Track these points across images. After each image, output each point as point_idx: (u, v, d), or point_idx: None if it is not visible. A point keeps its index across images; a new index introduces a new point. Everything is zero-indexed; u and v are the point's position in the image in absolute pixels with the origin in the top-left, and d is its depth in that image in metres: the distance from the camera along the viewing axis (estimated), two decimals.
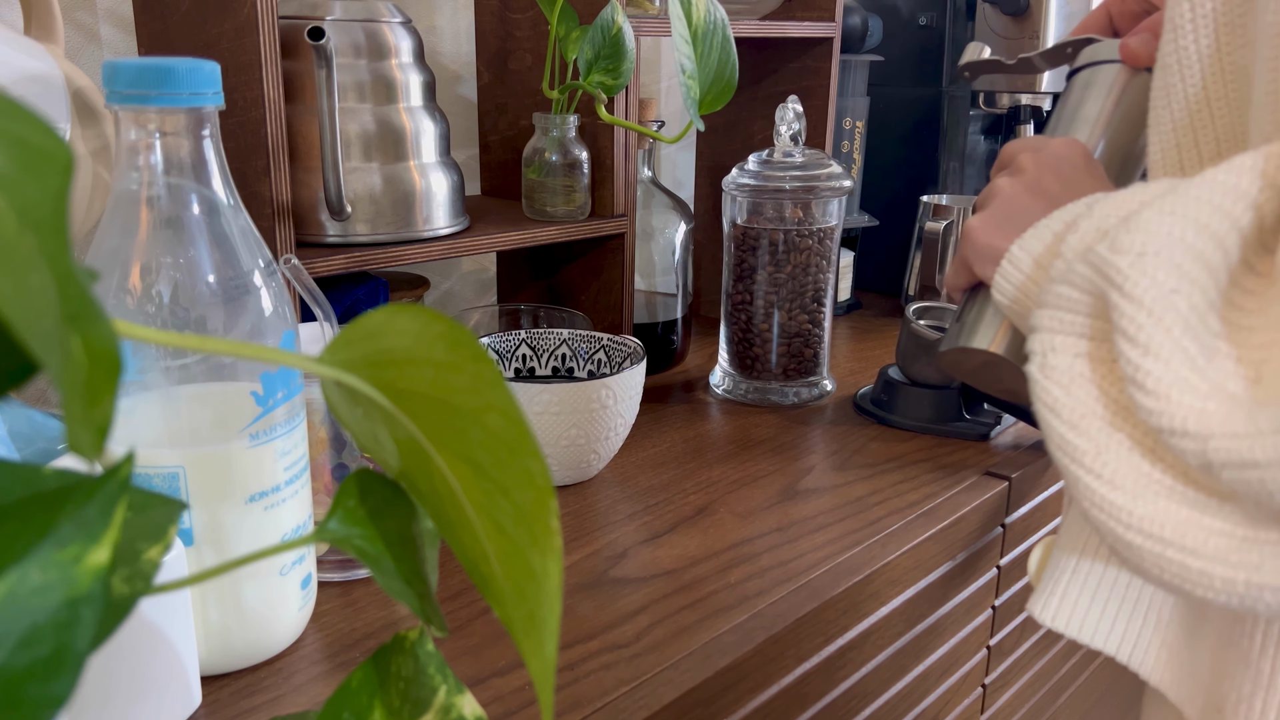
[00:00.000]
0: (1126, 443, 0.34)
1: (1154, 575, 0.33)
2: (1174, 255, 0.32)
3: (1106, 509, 0.34)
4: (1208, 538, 0.32)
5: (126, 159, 0.45)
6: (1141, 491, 0.33)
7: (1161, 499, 0.33)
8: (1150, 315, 0.32)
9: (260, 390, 0.48)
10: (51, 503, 0.18)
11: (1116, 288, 0.33)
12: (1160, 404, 0.32)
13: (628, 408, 0.72)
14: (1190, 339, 0.32)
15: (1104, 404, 0.35)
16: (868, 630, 0.66)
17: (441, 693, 0.27)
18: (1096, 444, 0.34)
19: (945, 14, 1.25)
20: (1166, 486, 0.33)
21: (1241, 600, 0.32)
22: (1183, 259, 0.32)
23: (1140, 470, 0.34)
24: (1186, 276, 0.32)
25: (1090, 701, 1.04)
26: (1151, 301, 0.32)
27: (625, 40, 0.78)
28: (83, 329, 0.17)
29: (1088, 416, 0.35)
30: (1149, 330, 0.32)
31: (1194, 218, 0.33)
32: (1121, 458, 0.34)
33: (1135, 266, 0.33)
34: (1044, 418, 0.36)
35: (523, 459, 0.21)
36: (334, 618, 0.57)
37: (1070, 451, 0.35)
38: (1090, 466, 0.34)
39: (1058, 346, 0.36)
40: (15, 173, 0.17)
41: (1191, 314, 0.32)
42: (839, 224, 0.92)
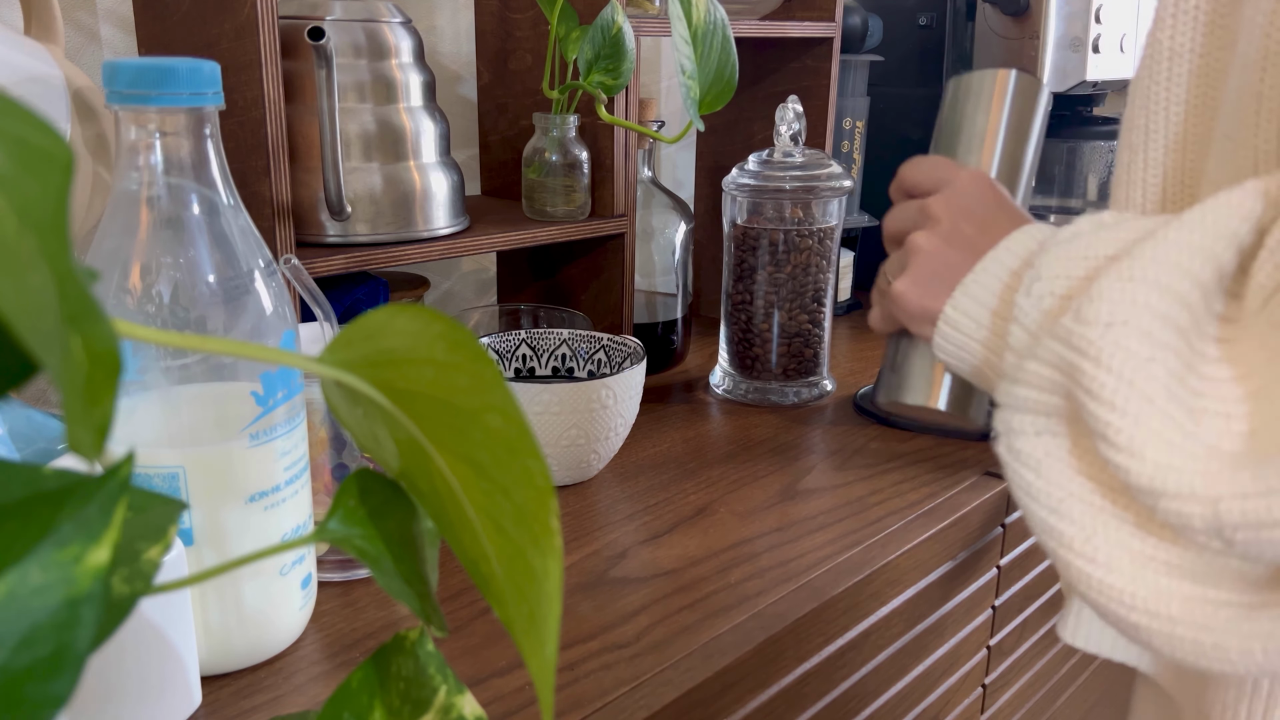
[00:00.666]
0: (1113, 522, 0.33)
1: (1168, 653, 0.32)
2: (1142, 323, 0.32)
3: (1105, 593, 0.33)
4: (1216, 610, 0.31)
5: (126, 159, 0.45)
6: (1138, 572, 0.32)
7: (1161, 577, 0.32)
8: (1126, 382, 0.31)
9: (260, 390, 0.48)
10: (51, 503, 0.18)
11: (1091, 359, 0.32)
12: (1136, 464, 0.31)
13: (628, 408, 0.72)
14: (1174, 404, 0.31)
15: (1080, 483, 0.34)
16: (868, 630, 0.66)
17: (441, 693, 0.27)
18: (1083, 527, 0.34)
19: (945, 14, 1.25)
20: (1162, 562, 0.32)
21: (1261, 668, 0.31)
22: (1151, 325, 0.32)
23: (1132, 549, 0.33)
24: (1159, 343, 0.31)
25: (1090, 701, 1.04)
26: (1131, 372, 0.31)
27: (625, 40, 0.78)
28: (83, 329, 0.17)
29: (1067, 499, 0.34)
30: (1125, 395, 0.31)
31: (1156, 281, 0.32)
32: (1110, 539, 0.33)
33: (1105, 337, 0.32)
34: (1023, 503, 0.36)
35: (523, 459, 0.21)
36: (334, 618, 0.57)
37: (1057, 537, 0.34)
38: (1081, 551, 0.34)
39: (1017, 426, 0.35)
40: (15, 173, 0.17)
41: (1170, 379, 0.31)
42: (839, 224, 0.92)
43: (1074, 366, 0.33)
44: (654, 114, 0.96)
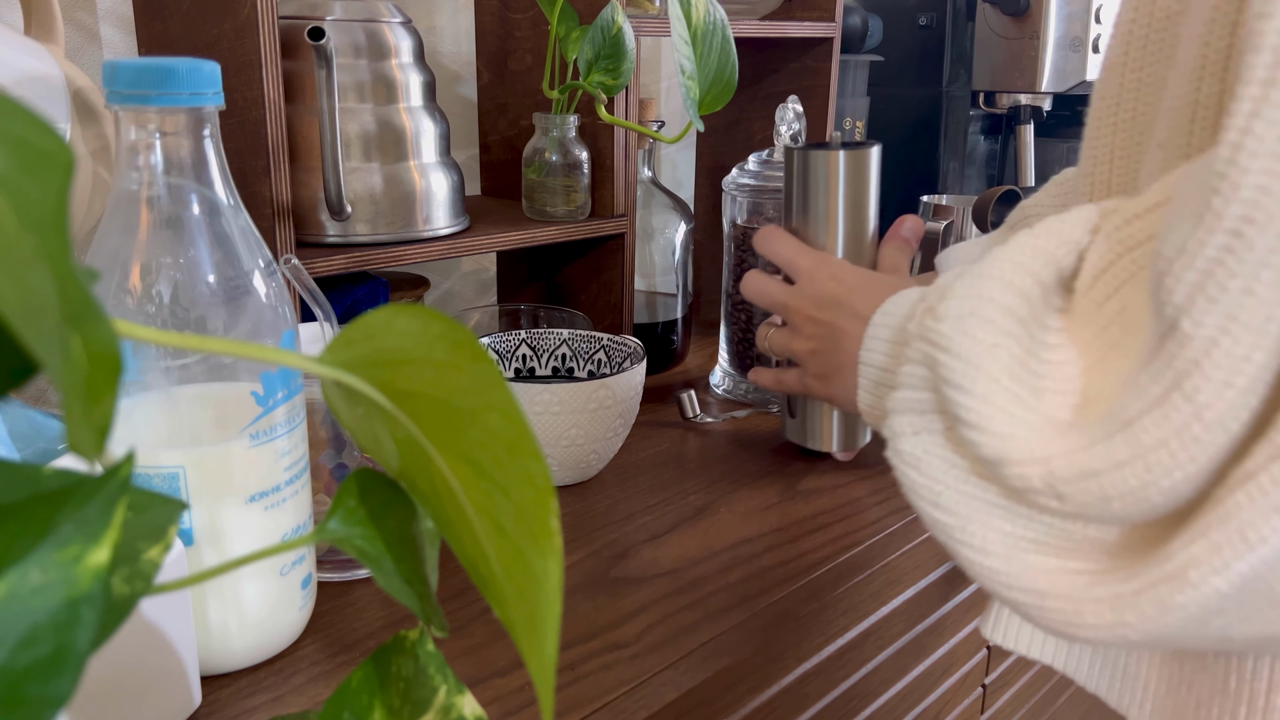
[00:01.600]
0: (984, 508, 0.36)
1: (1045, 626, 0.35)
2: (988, 313, 0.35)
3: (988, 576, 0.36)
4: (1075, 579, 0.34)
5: (126, 159, 0.45)
6: (1010, 552, 0.35)
7: (1029, 554, 0.35)
8: (976, 368, 0.35)
9: (260, 390, 0.48)
10: (51, 503, 0.18)
11: (944, 350, 0.36)
12: (985, 437, 0.34)
13: (628, 408, 0.72)
14: (1017, 384, 0.34)
15: (954, 474, 0.37)
16: (868, 630, 0.66)
17: (441, 693, 0.27)
18: (959, 516, 0.37)
19: (945, 14, 1.25)
20: (1029, 540, 0.35)
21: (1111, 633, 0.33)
22: (995, 315, 0.35)
23: (1003, 531, 0.36)
24: (1002, 331, 0.35)
25: (1090, 701, 1.04)
26: (977, 357, 0.35)
27: (625, 40, 0.78)
28: (83, 329, 0.17)
29: (943, 492, 0.37)
30: (972, 376, 0.35)
31: (1000, 278, 0.36)
32: (984, 524, 0.36)
33: (955, 328, 0.36)
34: (911, 501, 0.39)
35: (523, 459, 0.21)
36: (334, 618, 0.57)
37: (941, 529, 0.37)
38: (961, 539, 0.37)
39: (898, 428, 0.39)
40: (15, 173, 0.17)
41: (1013, 362, 0.34)
42: None
43: (933, 359, 0.36)
44: (654, 114, 0.96)
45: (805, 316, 0.60)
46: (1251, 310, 0.28)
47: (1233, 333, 0.28)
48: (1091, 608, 0.33)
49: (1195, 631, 0.32)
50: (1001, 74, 1.23)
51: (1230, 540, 0.29)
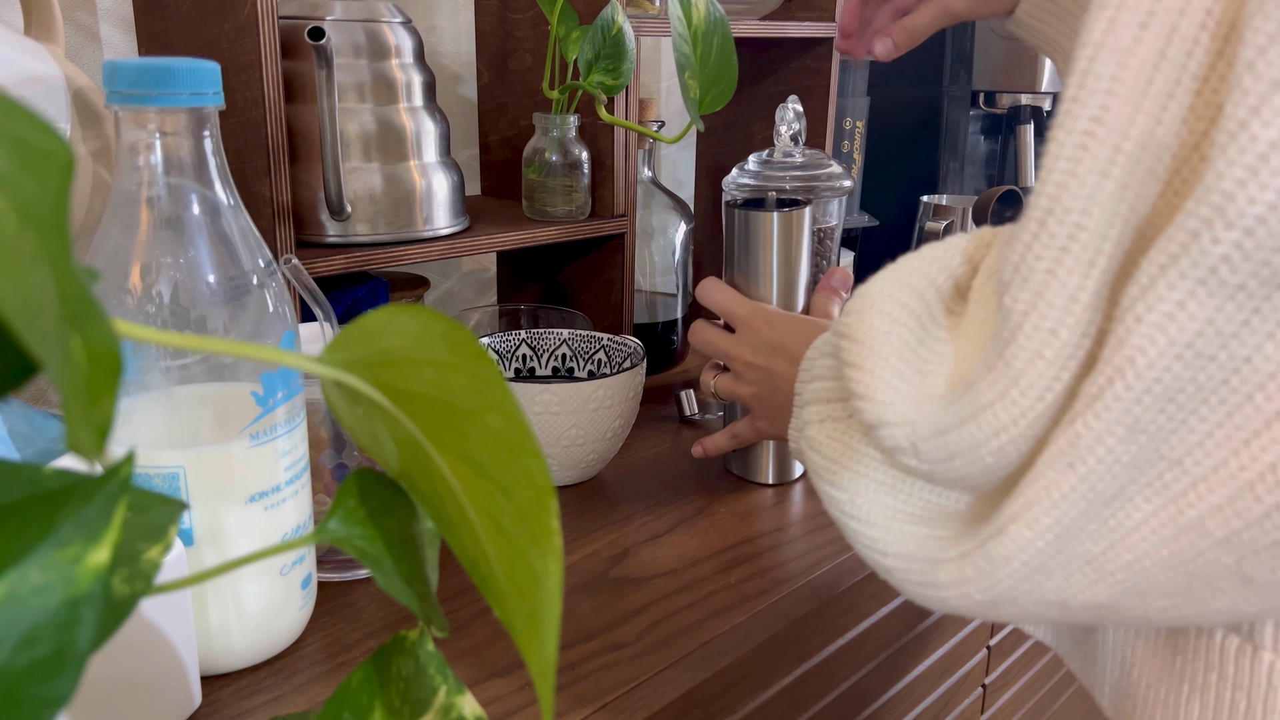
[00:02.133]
0: (871, 485, 0.41)
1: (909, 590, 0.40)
2: (884, 306, 0.40)
3: (869, 544, 0.41)
4: (935, 543, 0.38)
5: (126, 159, 0.45)
6: (887, 522, 0.40)
7: (905, 524, 0.40)
8: (867, 348, 0.39)
9: (260, 390, 0.48)
10: (51, 503, 0.18)
11: (844, 336, 0.40)
12: (869, 404, 0.38)
13: (628, 408, 0.72)
14: (904, 363, 0.38)
15: (848, 454, 0.42)
16: (868, 630, 0.66)
17: (441, 693, 0.27)
18: (850, 492, 0.41)
19: None
20: (906, 513, 0.40)
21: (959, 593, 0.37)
22: (891, 308, 0.40)
23: (884, 504, 0.40)
24: (895, 320, 0.39)
25: (1090, 701, 1.04)
26: (870, 339, 0.39)
27: (625, 40, 0.78)
28: (83, 329, 0.17)
29: (839, 471, 0.42)
30: (864, 354, 0.39)
31: (897, 278, 0.40)
32: (869, 498, 0.41)
33: (856, 319, 0.40)
34: (815, 484, 0.43)
35: (523, 459, 0.21)
36: (334, 618, 0.57)
37: (834, 504, 0.42)
38: (849, 513, 0.41)
39: (808, 417, 0.44)
40: (15, 173, 0.17)
41: (904, 347, 0.39)
42: (839, 224, 0.92)
43: (837, 346, 0.41)
44: (654, 114, 0.95)
45: (745, 363, 0.65)
46: (1055, 290, 0.32)
47: (1039, 309, 0.32)
48: (944, 568, 0.37)
49: (1032, 594, 0.35)
50: (1001, 74, 1.23)
51: (1038, 496, 0.33)
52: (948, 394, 0.37)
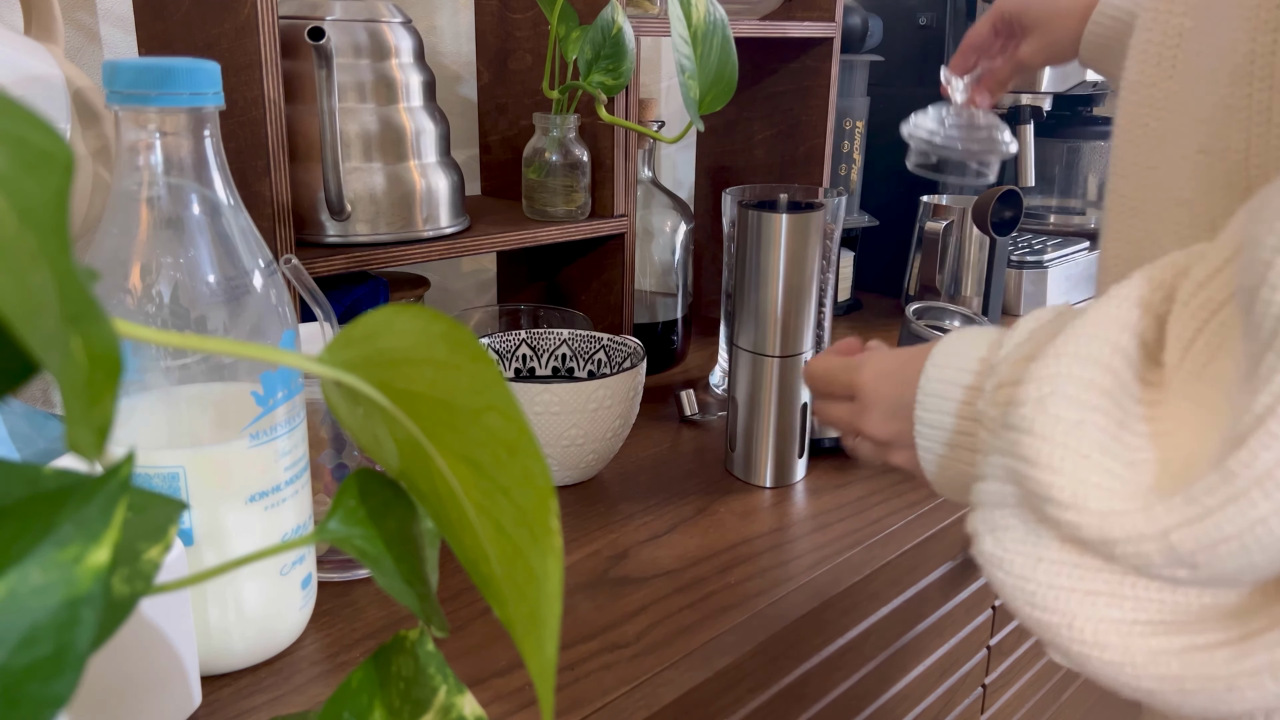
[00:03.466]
0: (1086, 599, 0.34)
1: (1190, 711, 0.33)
2: (1068, 391, 0.33)
3: (1111, 670, 0.34)
4: (1212, 655, 0.32)
5: (126, 159, 0.45)
6: (1127, 641, 0.33)
7: (1149, 639, 0.33)
8: (1062, 446, 0.33)
9: (260, 390, 0.48)
10: (51, 503, 0.18)
11: (1026, 432, 0.34)
12: (1081, 515, 0.32)
13: (628, 408, 0.72)
14: (1109, 458, 0.32)
15: (1043, 570, 0.35)
16: (868, 630, 0.66)
17: (441, 693, 0.27)
18: (1063, 614, 0.34)
19: (945, 14, 1.25)
20: (1144, 624, 0.33)
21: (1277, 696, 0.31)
22: (1077, 392, 0.33)
23: (1111, 619, 0.34)
24: (1087, 406, 0.33)
25: (1090, 701, 1.04)
26: (1063, 435, 0.33)
27: (625, 40, 0.78)
28: (83, 329, 0.17)
29: (1038, 591, 0.35)
30: (1059, 455, 0.33)
31: (1077, 353, 0.34)
32: (1091, 616, 0.34)
33: (1036, 410, 0.34)
34: (1008, 604, 0.36)
35: (523, 459, 0.21)
36: (334, 618, 0.57)
37: (1044, 630, 0.35)
38: (1070, 638, 0.34)
39: (981, 528, 0.37)
40: (15, 173, 0.17)
41: (1103, 436, 0.33)
42: (839, 224, 0.92)
43: (1015, 444, 0.34)
44: (654, 114, 0.96)
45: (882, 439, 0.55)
46: None
47: None
48: (1246, 681, 0.31)
49: None
50: None
51: None
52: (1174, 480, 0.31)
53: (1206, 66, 0.41)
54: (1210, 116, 0.40)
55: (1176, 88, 0.43)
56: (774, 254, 0.71)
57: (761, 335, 0.73)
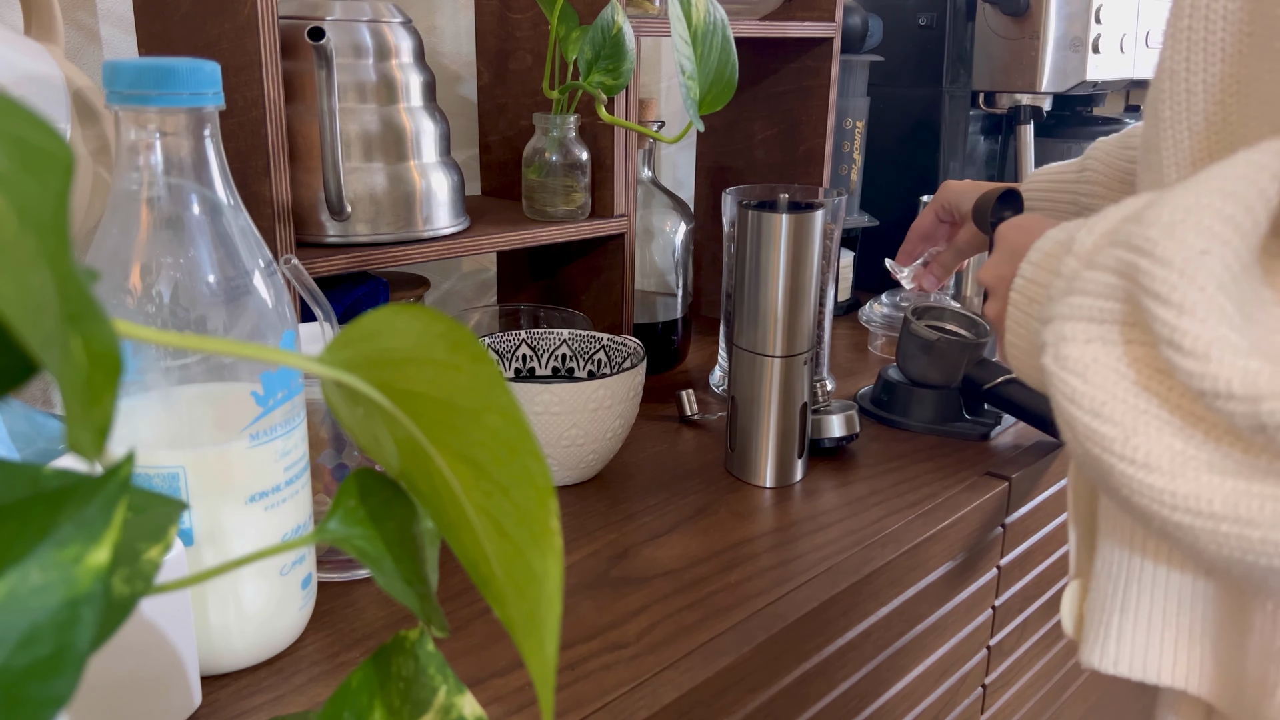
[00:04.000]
0: (1154, 423, 0.33)
1: (1213, 552, 0.33)
2: (1202, 220, 0.32)
3: (1147, 493, 0.33)
4: (1262, 504, 0.31)
5: (126, 159, 0.45)
6: (1180, 470, 0.33)
7: (1203, 474, 0.32)
8: (1183, 275, 0.31)
9: (260, 390, 0.48)
10: (51, 503, 0.18)
11: (1147, 255, 0.32)
12: (1202, 365, 0.31)
13: (628, 408, 0.72)
14: (1225, 297, 0.31)
15: (1125, 386, 0.34)
16: (868, 630, 0.66)
17: (441, 693, 0.27)
18: (1124, 428, 0.34)
19: (945, 14, 1.25)
20: (1204, 461, 0.33)
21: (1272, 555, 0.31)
22: (1211, 222, 0.32)
23: (1174, 448, 0.33)
24: (1217, 238, 0.32)
25: (1090, 701, 1.04)
26: (1183, 262, 0.31)
27: (625, 40, 0.78)
28: (83, 329, 0.17)
29: (1109, 401, 0.34)
30: (1183, 289, 0.31)
31: (1219, 188, 0.32)
32: (1152, 439, 0.33)
33: (1164, 233, 0.32)
34: (1064, 410, 0.36)
35: (523, 459, 0.21)
36: (334, 618, 0.57)
37: (1098, 440, 0.34)
38: (1122, 454, 0.34)
39: (1068, 334, 0.36)
40: (15, 173, 0.17)
41: (1225, 273, 0.31)
42: (839, 224, 0.92)
43: (1134, 266, 0.33)
44: (654, 114, 0.96)
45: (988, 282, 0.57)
46: None
47: None
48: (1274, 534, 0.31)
49: None
50: (1001, 74, 1.23)
51: None
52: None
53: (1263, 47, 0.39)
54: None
55: (1230, 70, 0.41)
56: (774, 254, 0.71)
57: (761, 335, 0.73)
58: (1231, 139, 0.41)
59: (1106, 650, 0.47)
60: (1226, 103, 0.41)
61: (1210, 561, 0.34)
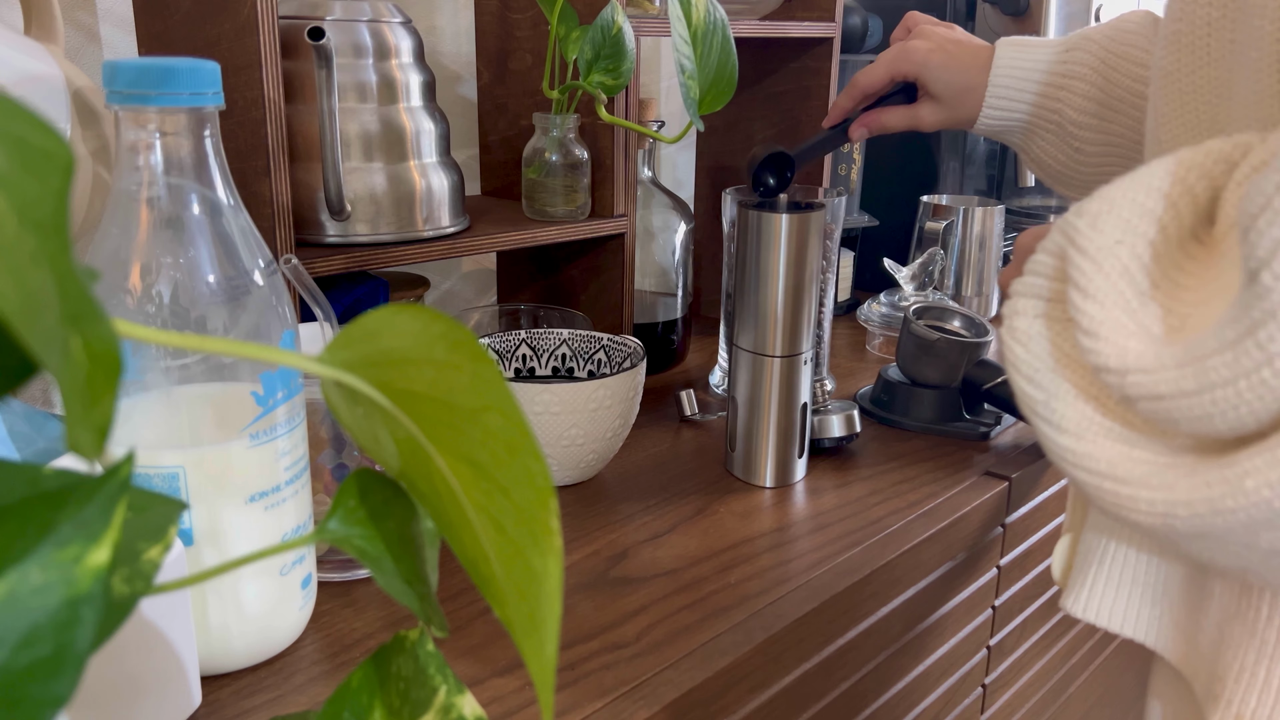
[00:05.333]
0: (1072, 391, 0.38)
1: (1099, 505, 0.37)
2: (1124, 212, 0.36)
3: (1059, 452, 0.38)
4: (1133, 467, 0.36)
5: (126, 159, 0.45)
6: (1083, 432, 0.38)
7: (1101, 438, 0.37)
8: (1094, 263, 0.36)
9: (260, 390, 0.48)
10: (51, 503, 0.18)
11: (1072, 243, 0.37)
12: (1095, 343, 0.35)
13: (628, 408, 0.72)
14: (1126, 283, 0.35)
15: (1054, 356, 0.39)
16: (868, 630, 0.66)
17: (441, 693, 0.27)
18: (1047, 393, 0.39)
19: (945, 14, 1.24)
20: (1104, 427, 0.37)
21: (1163, 520, 0.35)
22: (1130, 215, 0.36)
23: (1084, 414, 0.38)
24: (1133, 230, 0.36)
25: (1090, 701, 1.04)
26: (1096, 251, 0.36)
27: (625, 40, 0.78)
28: (83, 329, 0.17)
29: (1040, 370, 0.39)
30: (1090, 276, 0.36)
31: (1146, 183, 0.36)
32: (1068, 404, 0.38)
33: (1089, 224, 0.37)
34: (1010, 376, 0.40)
35: (523, 459, 0.21)
36: (334, 618, 0.57)
37: (1028, 403, 0.39)
38: (1044, 415, 0.39)
39: (1020, 309, 0.40)
40: (15, 173, 0.17)
41: (1133, 261, 0.36)
42: (839, 224, 0.92)
43: (1063, 251, 0.38)
44: (654, 114, 0.96)
45: None
46: None
47: None
48: (1145, 494, 0.35)
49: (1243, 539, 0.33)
50: None
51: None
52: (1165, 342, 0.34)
53: (1243, 55, 0.41)
54: (1259, 102, 0.41)
55: (1216, 74, 0.44)
56: (774, 254, 0.71)
57: (761, 335, 0.73)
58: None
59: (1079, 598, 0.52)
60: (1216, 104, 0.45)
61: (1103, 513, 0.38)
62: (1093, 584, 0.52)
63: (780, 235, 0.71)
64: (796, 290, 0.72)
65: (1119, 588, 0.51)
